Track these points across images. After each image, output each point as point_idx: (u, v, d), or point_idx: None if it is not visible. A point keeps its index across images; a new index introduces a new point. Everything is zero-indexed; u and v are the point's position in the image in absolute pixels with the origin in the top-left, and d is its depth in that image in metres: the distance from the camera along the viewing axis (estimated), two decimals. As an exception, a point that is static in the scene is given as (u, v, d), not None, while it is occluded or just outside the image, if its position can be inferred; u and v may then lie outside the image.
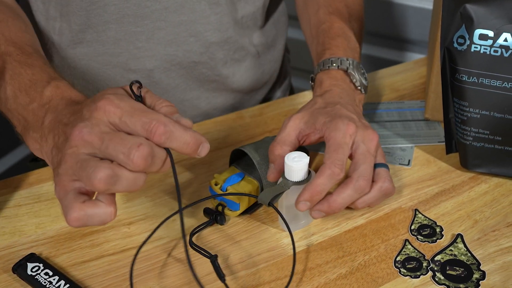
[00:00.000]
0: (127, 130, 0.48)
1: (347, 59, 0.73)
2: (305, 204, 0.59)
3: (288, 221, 0.61)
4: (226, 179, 0.65)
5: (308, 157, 0.60)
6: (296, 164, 0.59)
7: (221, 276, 0.57)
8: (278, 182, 0.61)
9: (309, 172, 0.61)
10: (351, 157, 0.63)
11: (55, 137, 0.52)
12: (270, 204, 0.60)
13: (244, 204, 0.64)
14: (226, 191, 0.64)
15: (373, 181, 0.62)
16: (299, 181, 0.60)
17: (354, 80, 0.72)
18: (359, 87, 0.73)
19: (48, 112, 0.55)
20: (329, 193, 0.61)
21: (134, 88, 0.52)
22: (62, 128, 0.52)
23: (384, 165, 0.64)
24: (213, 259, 0.58)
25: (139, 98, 0.52)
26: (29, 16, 0.81)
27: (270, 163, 0.63)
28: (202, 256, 0.60)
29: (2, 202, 0.68)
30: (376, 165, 0.63)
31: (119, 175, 0.46)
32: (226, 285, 0.56)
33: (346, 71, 0.72)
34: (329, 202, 0.60)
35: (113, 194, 0.49)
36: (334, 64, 0.72)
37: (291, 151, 0.63)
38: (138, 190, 0.49)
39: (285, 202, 0.61)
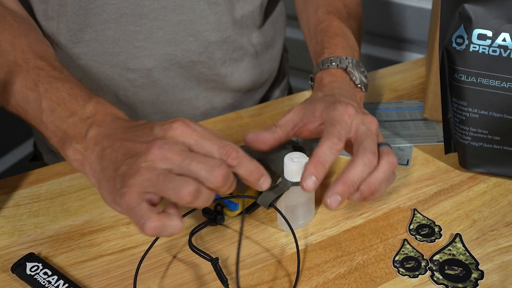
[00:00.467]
0: (202, 152, 0.52)
1: (346, 58, 0.72)
2: (311, 179, 0.56)
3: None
4: None
5: (308, 158, 0.60)
6: (296, 165, 0.59)
7: (223, 281, 0.57)
8: (278, 183, 0.61)
9: None
10: (352, 140, 0.61)
11: (105, 149, 0.54)
12: (271, 205, 0.59)
13: (242, 204, 0.64)
14: None
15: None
16: (299, 182, 0.60)
17: (354, 78, 0.72)
18: (359, 85, 0.72)
19: (92, 126, 0.57)
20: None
21: None
22: (120, 143, 0.54)
23: (386, 144, 0.62)
24: (214, 262, 0.58)
25: None
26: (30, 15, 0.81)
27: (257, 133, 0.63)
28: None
29: (1, 201, 0.69)
30: (378, 144, 0.61)
31: (202, 191, 0.50)
32: None
33: (345, 70, 0.72)
34: (342, 181, 0.57)
35: (179, 209, 0.52)
36: (334, 63, 0.72)
37: (281, 138, 0.63)
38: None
39: (284, 202, 0.61)
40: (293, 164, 0.59)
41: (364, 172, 0.58)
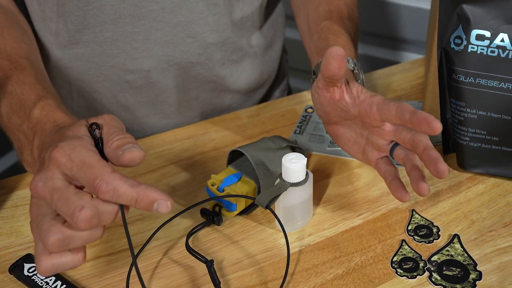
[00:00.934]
0: (78, 184, 0.49)
1: (352, 59, 0.72)
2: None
3: (285, 222, 0.61)
4: (223, 180, 0.65)
5: (306, 159, 0.60)
6: (294, 166, 0.59)
7: (216, 283, 0.57)
8: (276, 184, 0.61)
9: (306, 173, 0.61)
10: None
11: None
12: (268, 207, 0.59)
13: (241, 204, 0.64)
14: (223, 191, 0.64)
15: None
16: (297, 182, 0.60)
17: (359, 81, 0.71)
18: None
19: (36, 135, 0.56)
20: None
21: (95, 131, 0.52)
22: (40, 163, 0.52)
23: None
24: (209, 264, 0.58)
25: (98, 141, 0.51)
26: (26, 18, 0.80)
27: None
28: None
29: (-1, 202, 0.69)
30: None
31: (72, 236, 0.47)
32: None
33: (352, 72, 0.71)
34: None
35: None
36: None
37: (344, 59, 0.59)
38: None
39: (282, 203, 0.61)
40: (291, 165, 0.59)
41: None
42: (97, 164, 0.48)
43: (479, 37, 0.64)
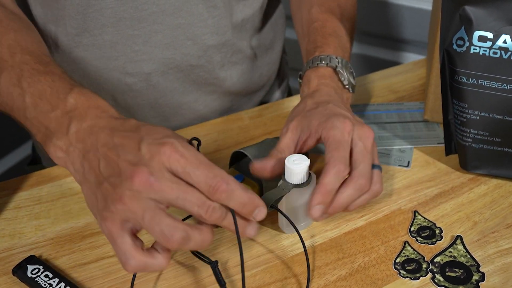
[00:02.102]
0: (188, 180, 0.48)
1: (336, 57, 0.72)
2: (320, 208, 0.57)
3: (288, 224, 0.61)
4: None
5: (309, 160, 0.60)
6: (297, 167, 0.59)
7: (221, 284, 0.57)
8: (279, 185, 0.61)
9: (309, 175, 0.61)
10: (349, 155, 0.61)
11: (88, 151, 0.52)
12: (273, 207, 0.59)
13: None
14: None
15: None
16: (300, 184, 0.60)
17: (343, 79, 0.72)
18: (347, 86, 0.72)
19: (73, 120, 0.54)
20: None
21: (194, 145, 0.53)
22: (104, 151, 0.51)
23: (378, 167, 0.62)
24: (214, 265, 0.57)
25: None
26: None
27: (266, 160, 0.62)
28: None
29: (1, 204, 0.68)
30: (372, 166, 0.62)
31: (191, 237, 0.48)
32: None
33: (334, 69, 0.72)
34: (333, 205, 0.58)
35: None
36: (323, 62, 0.72)
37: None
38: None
39: (285, 204, 0.61)
40: (294, 166, 0.59)
41: (354, 196, 0.59)
42: (213, 164, 0.49)
43: (482, 39, 0.64)
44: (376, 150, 0.63)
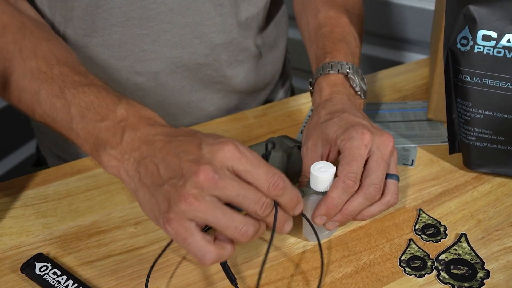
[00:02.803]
0: (246, 178, 0.51)
1: (347, 64, 0.72)
2: (322, 218, 0.59)
3: (311, 232, 0.60)
4: None
5: (335, 167, 0.59)
6: (322, 174, 0.58)
7: (232, 280, 0.57)
8: (301, 189, 0.60)
9: None
10: (365, 163, 0.61)
11: (145, 157, 0.53)
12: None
13: None
14: None
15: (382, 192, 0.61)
16: (324, 192, 0.59)
17: (354, 85, 0.71)
18: (359, 92, 0.72)
19: (126, 130, 0.55)
20: None
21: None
22: (163, 155, 0.52)
23: (395, 177, 0.62)
24: (223, 262, 0.58)
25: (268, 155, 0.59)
26: None
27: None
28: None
29: (9, 202, 0.69)
30: (387, 176, 0.61)
31: (260, 230, 0.52)
32: None
33: (346, 76, 0.72)
34: (341, 211, 0.59)
35: None
36: (335, 68, 0.72)
37: None
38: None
39: (310, 212, 0.60)
40: (320, 174, 0.58)
41: (364, 205, 0.60)
42: (269, 164, 0.52)
43: (485, 38, 0.64)
44: (395, 158, 0.63)
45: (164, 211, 0.50)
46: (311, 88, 0.75)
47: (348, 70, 0.71)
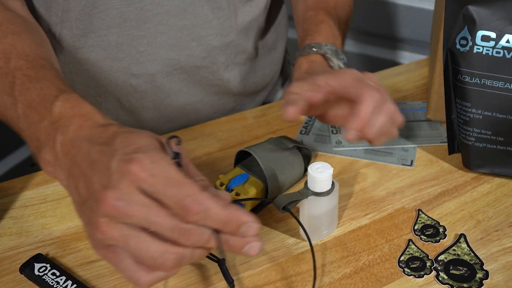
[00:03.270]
0: (159, 200, 0.44)
1: (326, 45, 0.74)
2: (355, 133, 0.59)
3: (310, 232, 0.61)
4: (231, 180, 0.65)
5: (332, 168, 0.59)
6: (320, 175, 0.58)
7: (229, 281, 0.57)
8: (298, 190, 0.60)
9: (332, 183, 0.60)
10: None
11: (71, 169, 0.49)
12: (285, 209, 0.59)
13: (249, 204, 0.64)
14: (231, 191, 0.64)
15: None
16: (321, 192, 0.59)
17: (332, 65, 0.73)
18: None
19: (58, 131, 0.51)
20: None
21: (173, 143, 0.48)
22: (81, 170, 0.47)
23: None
24: (221, 263, 0.58)
25: (177, 156, 0.47)
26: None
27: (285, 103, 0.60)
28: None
29: (8, 202, 0.69)
30: None
31: (185, 257, 0.45)
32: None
33: (324, 56, 0.73)
34: (360, 118, 0.59)
35: None
36: (314, 49, 0.73)
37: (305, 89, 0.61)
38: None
39: (307, 212, 0.61)
40: (317, 174, 0.58)
41: (385, 121, 0.60)
42: (185, 181, 0.44)
43: (485, 38, 0.64)
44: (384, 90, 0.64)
45: (88, 235, 0.47)
46: (292, 68, 0.77)
47: (326, 51, 0.73)
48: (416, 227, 0.64)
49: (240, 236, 0.45)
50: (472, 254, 0.60)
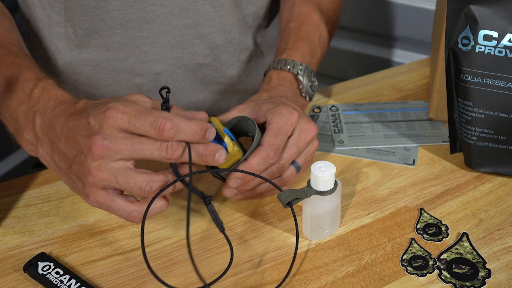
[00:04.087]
0: (137, 132, 0.53)
1: (300, 64, 0.74)
2: (236, 181, 0.60)
3: (313, 230, 0.61)
4: (223, 129, 0.62)
5: (335, 167, 0.59)
6: (322, 174, 0.58)
7: (219, 225, 0.58)
8: (303, 187, 0.60)
9: (335, 182, 0.60)
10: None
11: (53, 142, 0.56)
12: (289, 204, 0.59)
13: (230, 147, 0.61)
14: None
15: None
16: (324, 191, 0.59)
17: (301, 87, 0.74)
18: (304, 94, 0.75)
19: (36, 114, 0.58)
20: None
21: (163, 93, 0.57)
22: (64, 137, 0.55)
23: (296, 165, 0.65)
24: (209, 205, 0.57)
25: (167, 104, 0.56)
26: (30, 23, 0.81)
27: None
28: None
29: (11, 202, 0.69)
30: (292, 162, 0.65)
31: (167, 182, 0.54)
32: (225, 234, 0.58)
33: (295, 76, 0.74)
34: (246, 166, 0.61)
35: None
36: (288, 66, 0.74)
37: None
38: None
39: (311, 211, 0.61)
40: (320, 173, 0.58)
41: (260, 166, 0.60)
42: (154, 110, 0.53)
43: (487, 38, 0.64)
44: (311, 150, 0.66)
45: (80, 188, 0.55)
46: (263, 77, 0.77)
47: (299, 71, 0.74)
48: (418, 226, 0.64)
49: (206, 141, 0.54)
50: (475, 253, 0.61)
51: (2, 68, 0.62)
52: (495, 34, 0.64)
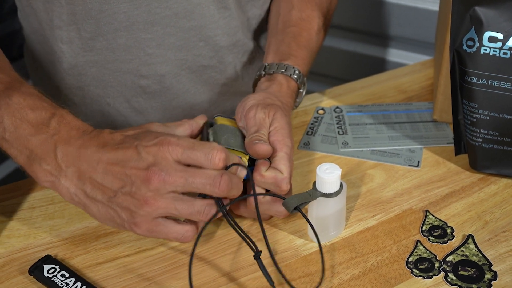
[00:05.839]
0: (190, 163, 0.55)
1: (304, 78, 0.76)
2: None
3: (318, 232, 0.60)
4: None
5: (340, 170, 0.59)
6: (328, 176, 0.58)
7: (268, 278, 0.57)
8: (308, 190, 0.60)
9: (340, 184, 0.60)
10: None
11: (83, 173, 0.56)
12: (295, 209, 0.59)
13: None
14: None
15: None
16: (329, 194, 0.59)
17: (297, 100, 0.77)
18: (295, 106, 0.78)
19: (59, 145, 0.57)
20: None
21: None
22: (104, 166, 0.55)
23: (244, 167, 0.63)
24: (257, 255, 0.58)
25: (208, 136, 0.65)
26: (33, 26, 0.81)
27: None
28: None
29: (16, 204, 0.69)
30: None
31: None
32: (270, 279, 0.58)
33: (298, 89, 0.76)
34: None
35: None
36: (296, 77, 0.75)
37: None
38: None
39: (315, 213, 0.61)
40: (325, 175, 0.58)
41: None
42: (206, 142, 0.57)
43: (492, 39, 0.64)
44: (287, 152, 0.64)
45: (128, 218, 0.56)
46: (263, 72, 0.76)
47: (303, 87, 0.76)
48: (424, 228, 0.64)
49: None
50: (480, 255, 0.60)
51: (12, 97, 0.59)
52: (500, 35, 0.64)
